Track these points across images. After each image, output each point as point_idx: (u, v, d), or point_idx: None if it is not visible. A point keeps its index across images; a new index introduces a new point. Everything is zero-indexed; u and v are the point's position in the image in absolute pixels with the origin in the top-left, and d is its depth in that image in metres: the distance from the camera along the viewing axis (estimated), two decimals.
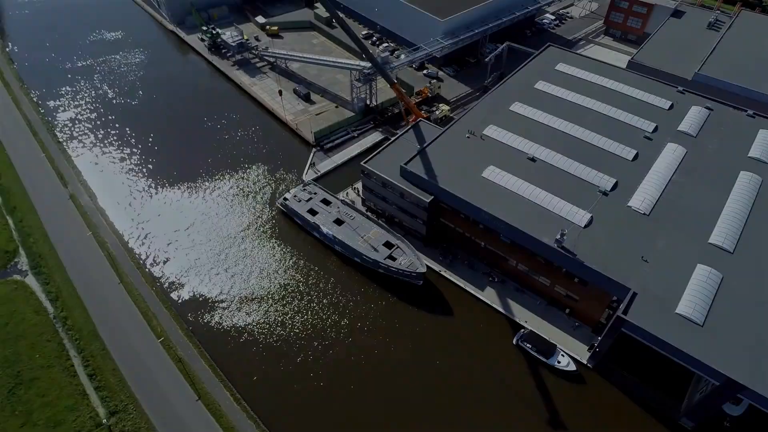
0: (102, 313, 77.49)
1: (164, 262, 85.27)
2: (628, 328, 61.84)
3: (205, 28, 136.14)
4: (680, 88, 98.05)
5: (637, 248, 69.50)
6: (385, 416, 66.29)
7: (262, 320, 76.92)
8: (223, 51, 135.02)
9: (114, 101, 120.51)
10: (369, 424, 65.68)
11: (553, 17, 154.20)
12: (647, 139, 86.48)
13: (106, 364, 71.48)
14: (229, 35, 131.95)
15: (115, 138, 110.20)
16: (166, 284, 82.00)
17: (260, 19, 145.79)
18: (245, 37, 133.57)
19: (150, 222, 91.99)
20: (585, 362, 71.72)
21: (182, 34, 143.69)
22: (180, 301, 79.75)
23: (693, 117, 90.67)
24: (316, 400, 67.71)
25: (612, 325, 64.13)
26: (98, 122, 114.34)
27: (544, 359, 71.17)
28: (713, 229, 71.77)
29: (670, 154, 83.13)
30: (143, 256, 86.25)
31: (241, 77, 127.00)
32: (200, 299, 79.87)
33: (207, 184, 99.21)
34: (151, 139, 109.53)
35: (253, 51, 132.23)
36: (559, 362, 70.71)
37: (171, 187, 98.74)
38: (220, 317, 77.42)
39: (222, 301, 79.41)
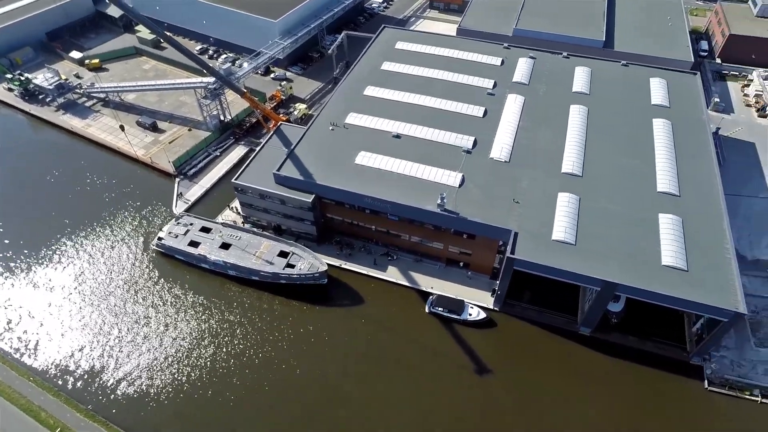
0: None
1: (37, 348, 74.33)
2: (519, 265, 68.24)
3: (10, 75, 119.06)
4: (506, 45, 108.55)
5: (508, 193, 76.54)
6: (330, 420, 66.04)
7: (175, 375, 70.74)
8: (41, 97, 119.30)
9: None
10: None
11: (380, 0, 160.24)
12: (490, 95, 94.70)
13: None
14: (42, 78, 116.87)
15: None
16: (48, 371, 71.68)
17: (75, 54, 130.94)
18: (63, 77, 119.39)
19: (7, 307, 79.44)
20: (492, 307, 77.67)
21: None
22: (70, 383, 70.33)
23: (522, 68, 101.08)
24: None
25: (505, 267, 70.21)
26: None
27: (456, 317, 75.58)
28: (562, 159, 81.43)
29: (512, 104, 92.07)
30: (8, 348, 74.28)
31: (70, 121, 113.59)
32: (94, 374, 71.20)
33: (67, 246, 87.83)
34: None
35: (77, 90, 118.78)
36: (470, 315, 75.67)
37: (22, 260, 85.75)
38: (126, 386, 69.73)
39: (122, 370, 71.49)
